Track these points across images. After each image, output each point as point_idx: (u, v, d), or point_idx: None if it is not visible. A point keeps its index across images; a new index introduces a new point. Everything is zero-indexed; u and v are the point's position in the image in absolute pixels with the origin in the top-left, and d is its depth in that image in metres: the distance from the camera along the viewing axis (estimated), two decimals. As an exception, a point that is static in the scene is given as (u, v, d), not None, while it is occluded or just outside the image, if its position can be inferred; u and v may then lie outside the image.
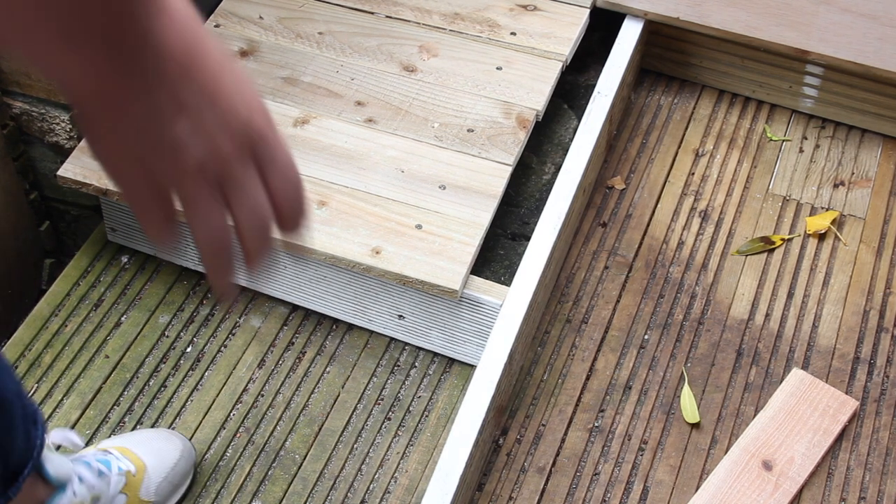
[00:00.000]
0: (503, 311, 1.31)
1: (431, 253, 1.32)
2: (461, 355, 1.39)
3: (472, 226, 1.35)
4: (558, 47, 1.55)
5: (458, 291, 1.30)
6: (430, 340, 1.40)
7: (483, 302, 1.32)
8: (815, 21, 1.54)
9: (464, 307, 1.34)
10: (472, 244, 1.33)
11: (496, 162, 1.42)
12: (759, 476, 1.28)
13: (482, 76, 1.52)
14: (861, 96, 1.63)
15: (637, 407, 1.36)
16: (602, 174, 1.61)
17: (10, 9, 0.41)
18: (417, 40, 1.56)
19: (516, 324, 1.30)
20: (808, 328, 1.44)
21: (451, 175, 1.40)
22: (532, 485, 1.29)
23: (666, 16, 1.63)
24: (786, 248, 1.53)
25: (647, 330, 1.44)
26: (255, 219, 0.52)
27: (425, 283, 1.30)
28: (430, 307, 1.35)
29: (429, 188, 1.39)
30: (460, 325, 1.36)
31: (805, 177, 1.62)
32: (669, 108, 1.71)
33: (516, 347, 1.31)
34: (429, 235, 1.34)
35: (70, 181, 1.39)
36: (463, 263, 1.31)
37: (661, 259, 1.51)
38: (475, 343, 1.36)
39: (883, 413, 1.36)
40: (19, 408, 0.98)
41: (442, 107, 1.48)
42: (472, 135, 1.45)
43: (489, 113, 1.47)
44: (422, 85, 1.51)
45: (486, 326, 1.34)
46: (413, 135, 1.45)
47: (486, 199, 1.38)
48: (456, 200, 1.37)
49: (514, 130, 1.45)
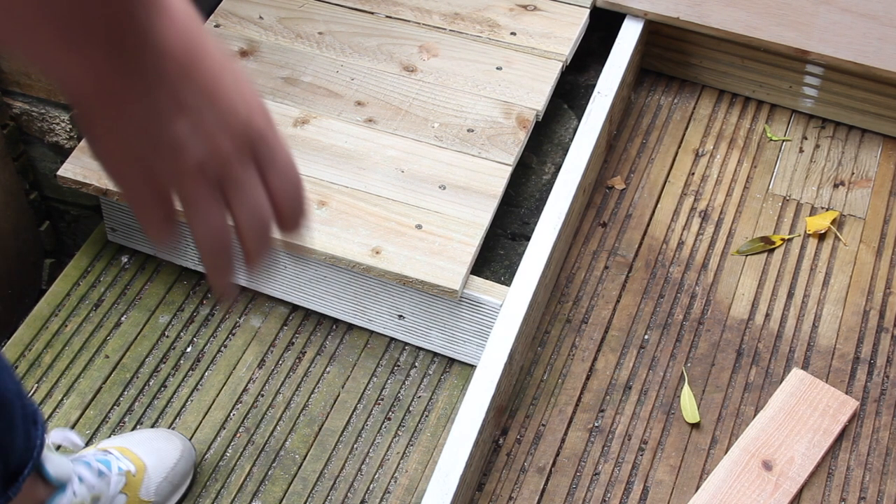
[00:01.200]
0: (503, 311, 1.31)
1: (431, 253, 1.32)
2: (461, 355, 1.39)
3: (472, 226, 1.35)
4: (558, 47, 1.55)
5: (458, 291, 1.30)
6: (430, 340, 1.40)
7: (483, 302, 1.32)
8: (815, 21, 1.54)
9: (464, 307, 1.34)
10: (472, 244, 1.33)
11: (496, 162, 1.42)
12: (759, 476, 1.28)
13: (482, 76, 1.52)
14: (861, 96, 1.63)
15: (637, 407, 1.36)
16: (602, 174, 1.61)
17: (10, 8, 0.41)
18: (417, 40, 1.56)
19: (516, 324, 1.30)
20: (808, 328, 1.44)
21: (451, 175, 1.40)
22: (532, 485, 1.29)
23: (666, 16, 1.63)
24: (786, 248, 1.53)
25: (647, 330, 1.44)
26: (255, 219, 0.53)
27: (425, 283, 1.30)
28: (430, 307, 1.35)
29: (429, 188, 1.39)
30: (460, 325, 1.36)
31: (805, 177, 1.62)
32: (669, 108, 1.71)
33: (516, 347, 1.31)
34: (429, 235, 1.34)
35: (70, 181, 1.39)
36: (463, 263, 1.31)
37: (661, 259, 1.51)
38: (475, 343, 1.36)
39: (883, 413, 1.36)
40: (19, 408, 0.98)
41: (442, 107, 1.48)
42: (472, 135, 1.45)
43: (489, 113, 1.47)
44: (422, 85, 1.51)
45: (486, 326, 1.34)
46: (413, 135, 1.45)
47: (486, 199, 1.38)
48: (456, 200, 1.37)
49: (514, 130, 1.45)
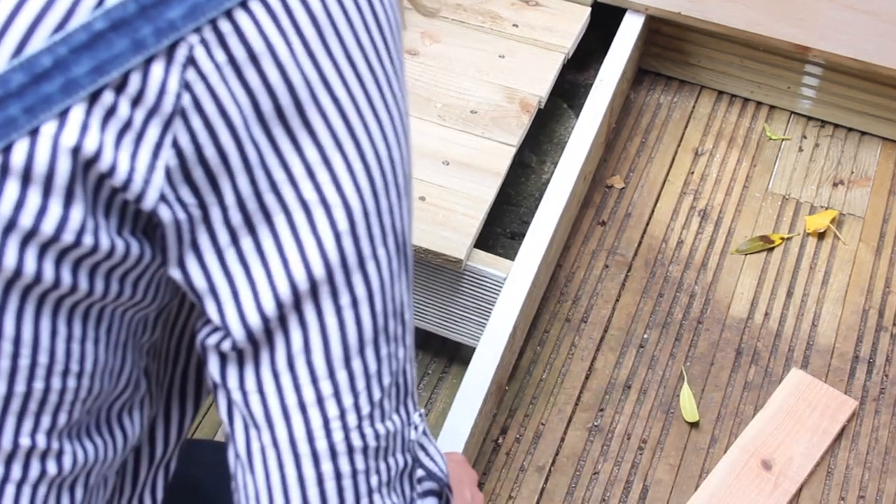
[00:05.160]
0: (507, 285, 1.30)
1: (435, 223, 1.30)
2: (458, 335, 1.37)
3: (477, 200, 1.33)
4: (560, 40, 1.55)
5: (462, 261, 1.27)
6: (427, 319, 1.38)
7: (486, 275, 1.30)
8: (816, 17, 1.54)
9: (465, 282, 1.32)
10: (476, 217, 1.31)
11: (499, 142, 1.41)
12: (759, 475, 1.29)
13: (484, 63, 1.52)
14: (860, 97, 1.63)
15: (636, 406, 1.36)
16: (601, 173, 1.61)
17: None
18: (419, 27, 1.57)
19: (521, 296, 1.29)
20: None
21: (454, 152, 1.39)
22: (531, 484, 1.29)
23: (667, 10, 1.62)
24: (785, 247, 1.53)
25: (647, 329, 1.44)
26: None
27: (429, 251, 1.27)
28: (430, 283, 1.33)
29: (432, 163, 1.38)
30: (460, 301, 1.34)
31: (804, 176, 1.62)
32: (669, 106, 1.71)
33: (519, 322, 1.30)
34: (432, 207, 1.32)
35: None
36: (468, 235, 1.29)
37: (661, 258, 1.52)
38: (475, 322, 1.35)
39: (882, 412, 1.36)
40: None
41: (444, 88, 1.48)
42: (475, 116, 1.45)
43: (492, 96, 1.47)
44: (424, 67, 1.51)
45: (487, 303, 1.32)
46: (416, 113, 1.44)
47: (490, 176, 1.37)
48: (459, 176, 1.36)
49: (518, 114, 1.45)
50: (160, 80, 0.49)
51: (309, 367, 0.55)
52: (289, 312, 0.54)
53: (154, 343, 0.65)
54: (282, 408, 0.55)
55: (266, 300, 0.53)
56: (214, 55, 0.49)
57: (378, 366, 0.57)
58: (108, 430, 0.61)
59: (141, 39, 0.49)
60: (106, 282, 0.54)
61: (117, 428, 0.62)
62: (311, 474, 0.56)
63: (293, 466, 0.56)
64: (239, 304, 0.53)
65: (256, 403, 0.56)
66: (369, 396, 0.57)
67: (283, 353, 0.54)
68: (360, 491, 0.57)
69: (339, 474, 0.56)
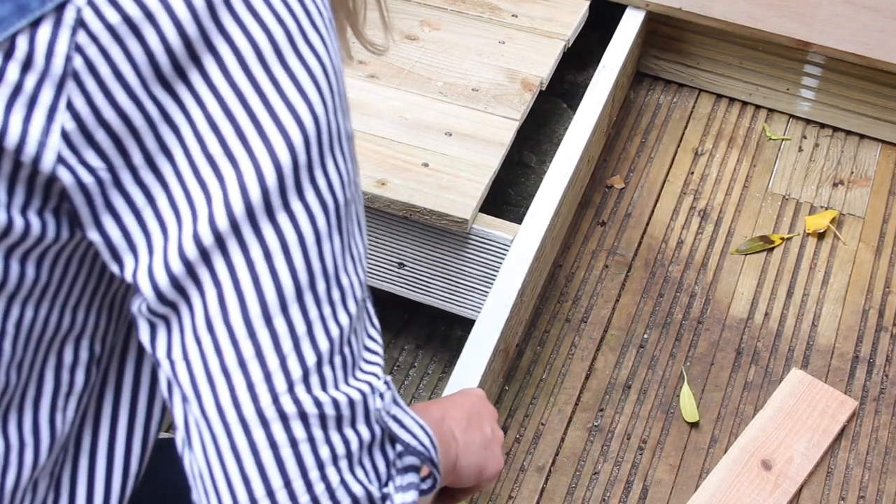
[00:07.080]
0: (514, 246, 1.29)
1: (439, 187, 1.29)
2: (461, 308, 1.36)
3: (481, 167, 1.33)
4: (560, 29, 1.56)
5: (468, 221, 1.26)
6: (430, 292, 1.37)
7: (492, 238, 1.29)
8: (817, 13, 1.54)
9: (470, 247, 1.30)
10: (481, 182, 1.30)
11: (502, 117, 1.41)
12: (759, 475, 1.28)
13: (485, 48, 1.52)
14: (858, 98, 1.63)
15: (636, 406, 1.36)
16: (601, 173, 1.61)
17: None
18: (418, 16, 1.57)
19: (528, 258, 1.28)
20: (808, 327, 1.44)
21: (457, 124, 1.39)
22: (531, 484, 1.29)
23: (668, 6, 1.62)
24: (785, 247, 1.53)
25: (647, 329, 1.44)
26: None
27: (434, 212, 1.26)
28: (434, 250, 1.32)
29: (435, 134, 1.38)
30: (465, 268, 1.33)
31: (804, 176, 1.62)
32: (669, 107, 1.71)
33: (527, 283, 1.29)
34: (436, 172, 1.32)
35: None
36: (473, 197, 1.28)
37: (661, 258, 1.52)
38: (479, 293, 1.33)
39: (882, 412, 1.36)
40: None
41: (445, 69, 1.48)
42: (477, 93, 1.45)
43: (493, 77, 1.47)
44: (424, 51, 1.51)
45: (492, 269, 1.31)
46: (417, 90, 1.44)
47: (493, 147, 1.36)
48: (463, 145, 1.36)
49: (520, 92, 1.45)
50: (47, 43, 0.49)
51: (227, 327, 0.53)
52: (198, 267, 0.52)
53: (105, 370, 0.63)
54: (206, 373, 0.53)
55: (172, 255, 0.52)
56: (106, 16, 0.49)
57: (308, 327, 0.54)
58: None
59: (25, 3, 0.48)
60: (5, 264, 0.53)
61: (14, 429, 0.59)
62: (244, 444, 0.53)
63: (225, 436, 0.53)
64: (152, 260, 0.53)
65: (183, 371, 0.54)
66: (300, 359, 0.54)
67: (202, 314, 0.53)
68: (306, 463, 0.54)
69: (274, 443, 0.53)
